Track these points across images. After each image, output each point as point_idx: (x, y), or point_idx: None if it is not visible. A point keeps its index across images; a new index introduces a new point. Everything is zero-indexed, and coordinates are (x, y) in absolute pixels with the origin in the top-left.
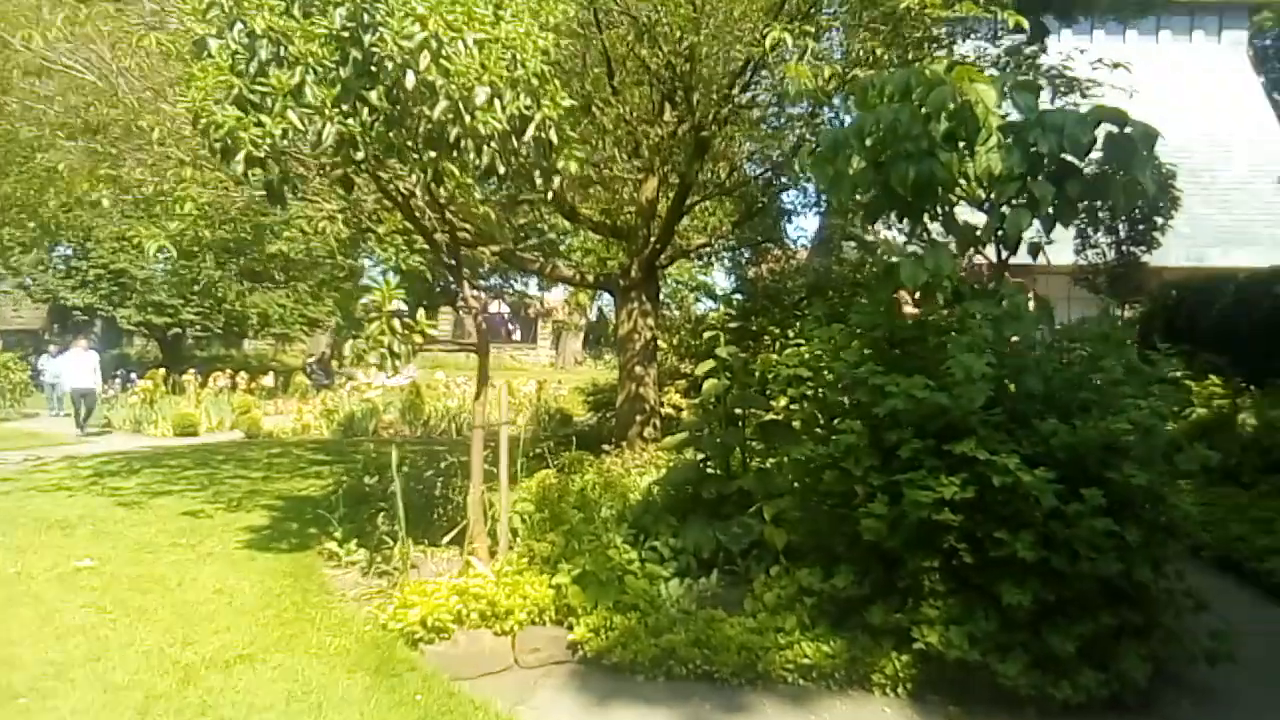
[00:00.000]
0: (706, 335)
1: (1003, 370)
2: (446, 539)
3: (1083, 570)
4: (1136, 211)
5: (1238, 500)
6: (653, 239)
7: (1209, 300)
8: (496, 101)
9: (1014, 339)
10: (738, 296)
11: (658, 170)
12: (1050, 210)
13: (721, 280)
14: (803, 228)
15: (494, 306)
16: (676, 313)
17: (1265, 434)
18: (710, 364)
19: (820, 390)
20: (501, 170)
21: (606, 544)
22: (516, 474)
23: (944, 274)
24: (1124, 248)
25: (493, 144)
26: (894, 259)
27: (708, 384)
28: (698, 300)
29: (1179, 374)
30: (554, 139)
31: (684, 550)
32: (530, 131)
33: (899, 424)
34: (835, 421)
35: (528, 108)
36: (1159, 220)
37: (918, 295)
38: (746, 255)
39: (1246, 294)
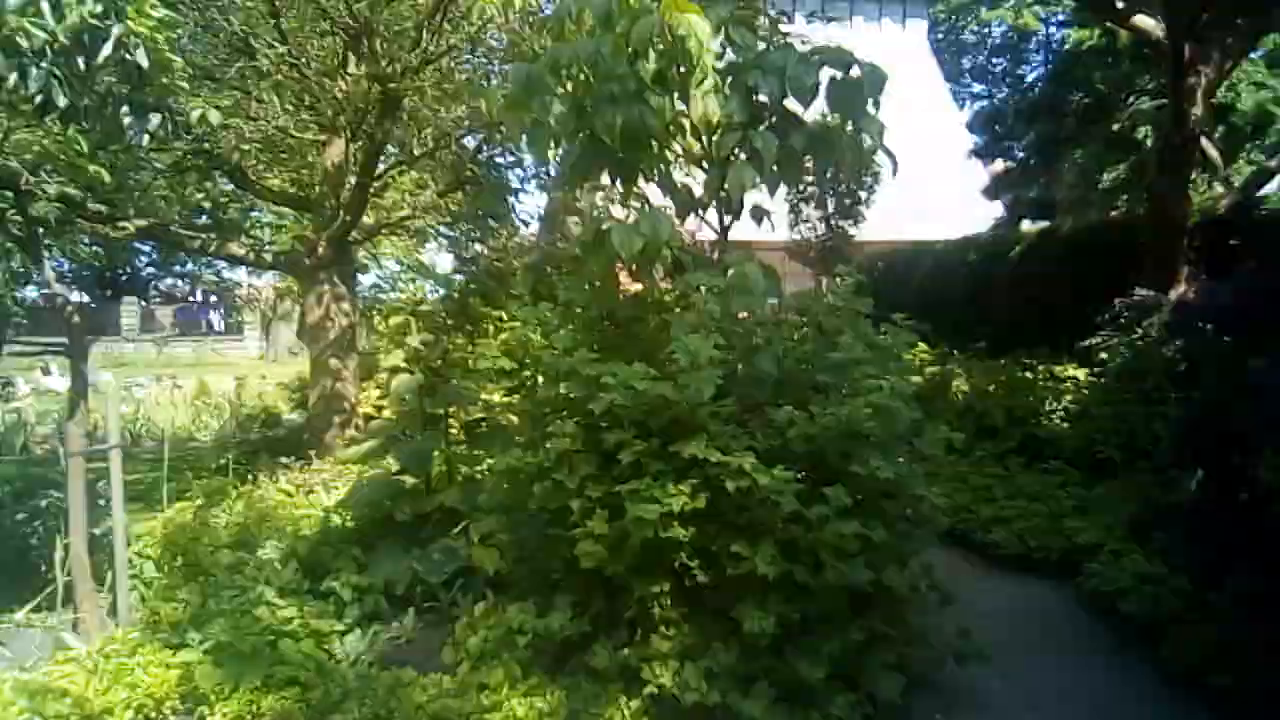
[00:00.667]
0: (393, 321)
1: (732, 352)
2: (25, 611)
3: (828, 581)
4: (844, 184)
5: (958, 469)
6: (342, 211)
7: (911, 271)
8: (44, 4)
9: (743, 314)
10: (457, 277)
11: (343, 131)
12: (775, 167)
13: (446, 261)
14: (540, 204)
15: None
16: (396, 298)
17: (978, 400)
18: (398, 355)
19: (529, 383)
20: (62, 102)
21: (257, 599)
22: (171, 500)
23: (661, 241)
24: (832, 221)
25: (43, 64)
26: (606, 224)
27: (398, 380)
28: (414, 281)
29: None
30: (144, 62)
31: (371, 588)
32: (107, 49)
33: (619, 422)
34: (548, 422)
35: (100, 16)
36: (863, 195)
37: (635, 268)
38: (470, 232)
39: (944, 263)
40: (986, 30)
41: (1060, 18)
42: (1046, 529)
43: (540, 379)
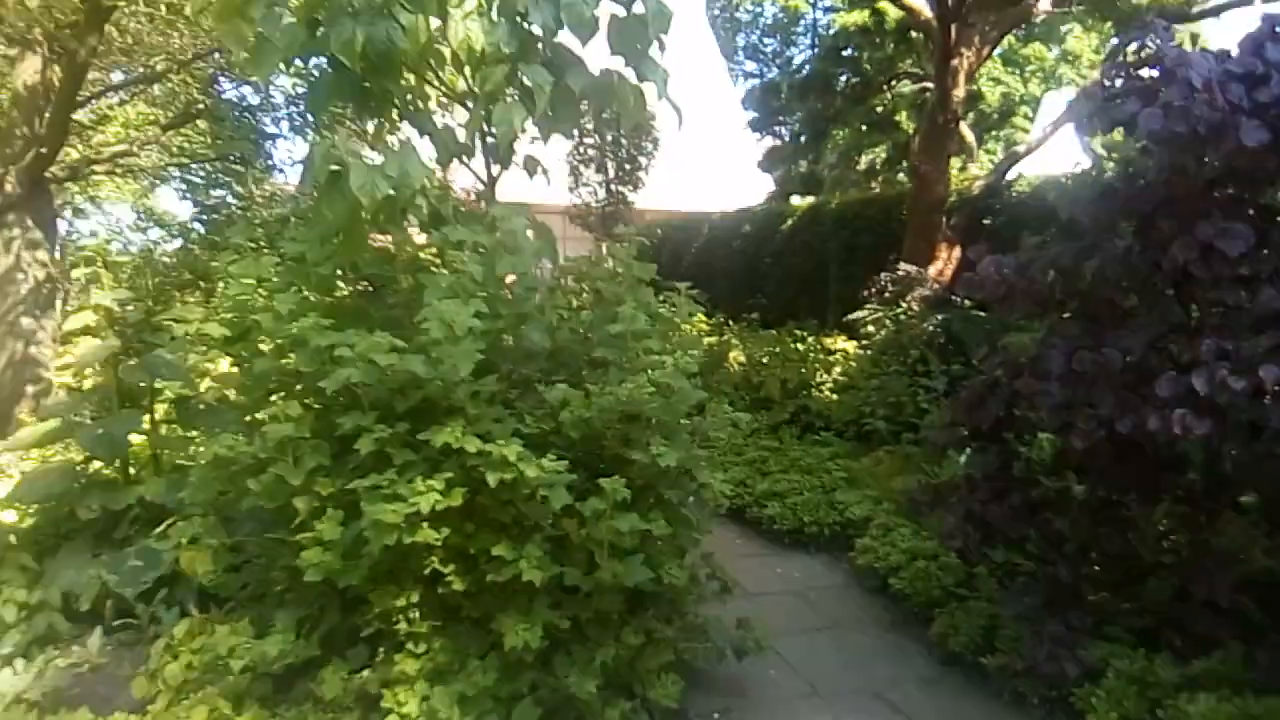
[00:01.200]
0: (77, 273)
1: (497, 321)
2: None
3: (604, 582)
4: (624, 147)
5: (733, 441)
6: (37, 142)
7: (689, 241)
8: None
9: (510, 278)
10: (197, 226)
11: (39, 46)
12: (550, 111)
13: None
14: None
15: None
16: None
17: (753, 371)
18: (87, 315)
19: (248, 355)
20: None
21: None
22: None
23: (413, 187)
24: (613, 186)
25: None
26: (343, 163)
27: (83, 348)
28: (145, 231)
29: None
30: None
31: (44, 604)
32: None
33: (358, 404)
34: (268, 403)
35: None
36: (644, 161)
37: (382, 219)
38: (213, 176)
39: (720, 234)
40: (759, 9)
41: (828, 2)
42: (819, 502)
43: (261, 350)
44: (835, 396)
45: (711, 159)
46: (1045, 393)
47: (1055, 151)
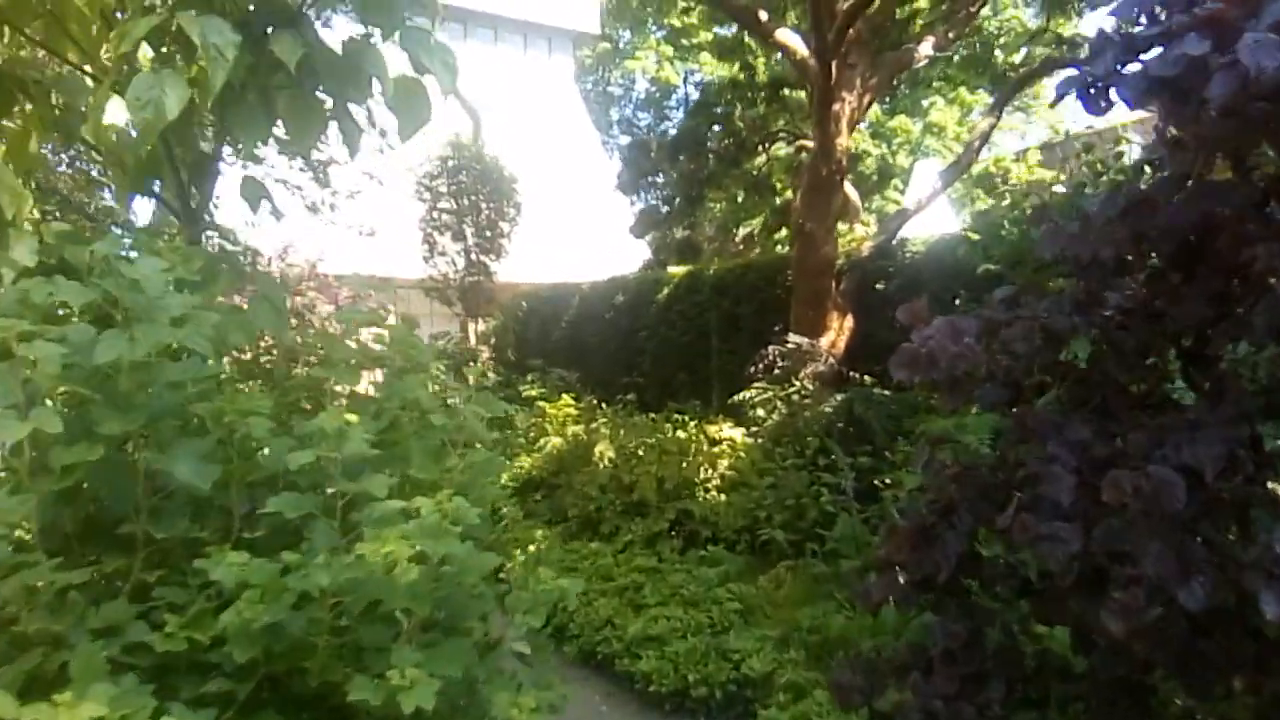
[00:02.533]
0: None
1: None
2: None
3: None
4: (483, 212)
5: (600, 560)
6: None
7: (558, 312)
8: None
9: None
10: None
11: None
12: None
13: None
14: None
15: None
16: None
17: (624, 467)
18: None
19: None
20: None
21: None
22: None
23: None
24: (473, 255)
25: None
26: None
27: None
28: None
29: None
30: None
31: None
32: None
33: None
34: None
35: None
36: (505, 227)
37: None
38: None
39: (591, 306)
40: (631, 83)
41: (699, 76)
42: (708, 650)
43: None
44: (723, 498)
45: (586, 232)
46: (1054, 538)
47: (934, 217)
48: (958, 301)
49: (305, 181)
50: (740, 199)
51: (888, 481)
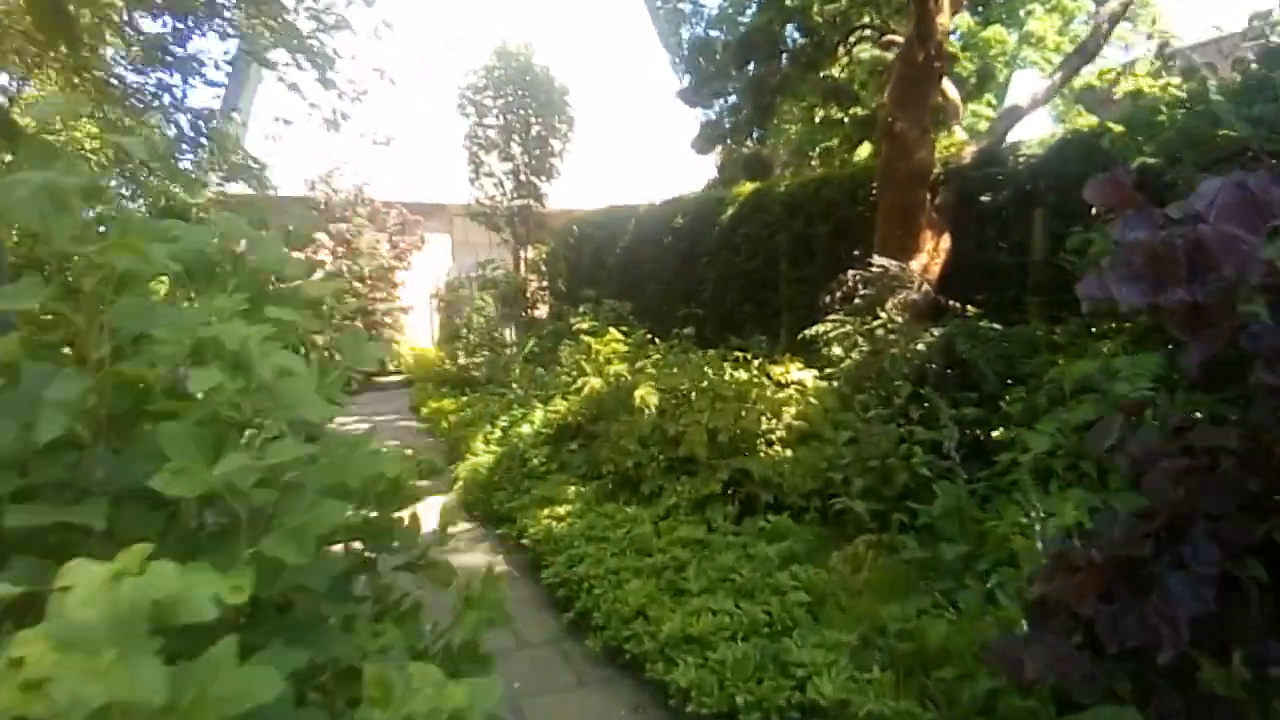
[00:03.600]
0: None
1: None
2: None
3: None
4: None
5: (636, 530)
6: None
7: (613, 237)
8: None
9: None
10: None
11: None
12: None
13: None
14: None
15: None
16: None
17: (669, 415)
18: None
19: None
20: None
21: None
22: None
23: None
24: (522, 175)
25: None
26: None
27: None
28: None
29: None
30: None
31: None
32: None
33: None
34: None
35: None
36: (556, 145)
37: None
38: None
39: (647, 230)
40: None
41: None
42: (763, 661)
43: None
44: (789, 454)
45: (652, 158)
46: None
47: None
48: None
49: (312, 84)
50: (817, 115)
51: (999, 439)
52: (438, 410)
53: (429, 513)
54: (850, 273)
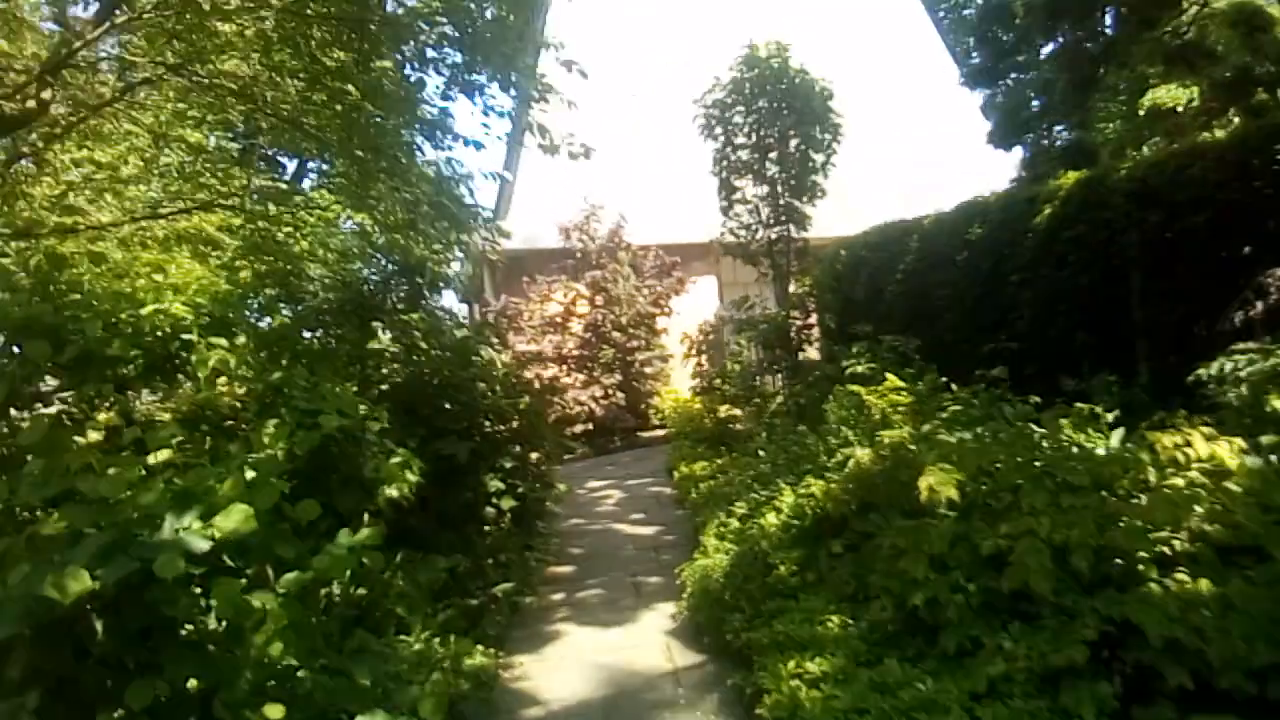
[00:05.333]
0: None
1: None
2: None
3: None
4: (791, 143)
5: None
6: None
7: (891, 260)
8: None
9: None
10: None
11: None
12: None
13: None
14: None
15: None
16: None
17: (979, 517)
18: None
19: None
20: None
21: None
22: None
23: None
24: (781, 199)
25: None
26: None
27: None
28: None
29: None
30: None
31: None
32: None
33: None
34: None
35: None
36: (818, 159)
37: None
38: None
39: (934, 244)
40: None
41: None
42: None
43: None
44: (1210, 589)
45: (926, 167)
46: None
47: None
48: None
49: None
50: (1152, 83)
51: None
52: (689, 476)
53: None
54: (1266, 279)
